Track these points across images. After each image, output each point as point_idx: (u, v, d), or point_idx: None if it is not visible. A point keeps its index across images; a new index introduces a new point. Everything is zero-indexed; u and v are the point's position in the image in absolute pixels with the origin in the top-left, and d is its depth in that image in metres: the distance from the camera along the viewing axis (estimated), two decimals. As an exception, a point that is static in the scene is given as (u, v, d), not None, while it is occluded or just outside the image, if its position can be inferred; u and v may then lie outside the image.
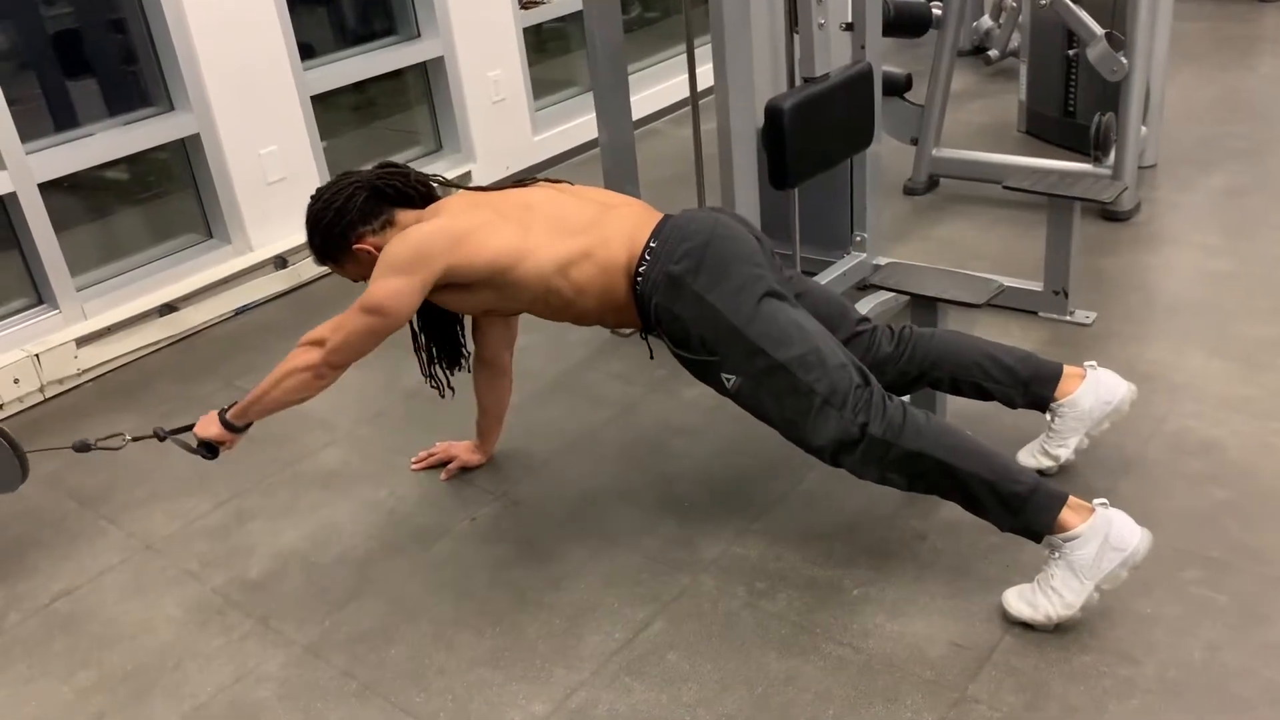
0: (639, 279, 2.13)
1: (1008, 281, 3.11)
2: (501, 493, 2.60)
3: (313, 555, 2.46)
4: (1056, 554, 1.96)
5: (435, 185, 2.35)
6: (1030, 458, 2.41)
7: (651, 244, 2.13)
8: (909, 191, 4.10)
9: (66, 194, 3.45)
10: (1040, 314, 3.08)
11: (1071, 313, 3.04)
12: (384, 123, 4.46)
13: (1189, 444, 2.47)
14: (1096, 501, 1.96)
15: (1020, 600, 2.01)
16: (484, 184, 2.40)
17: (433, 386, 2.53)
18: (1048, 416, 2.35)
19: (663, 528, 2.40)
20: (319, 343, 2.15)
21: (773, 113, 2.71)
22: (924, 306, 2.46)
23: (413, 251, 2.11)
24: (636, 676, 2.01)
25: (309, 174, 3.86)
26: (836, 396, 2.02)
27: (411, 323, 2.47)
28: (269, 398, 2.20)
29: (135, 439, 2.32)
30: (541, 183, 2.35)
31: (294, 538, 2.52)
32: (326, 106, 4.07)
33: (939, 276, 2.49)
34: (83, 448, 2.31)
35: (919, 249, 3.64)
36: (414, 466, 2.72)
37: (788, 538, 2.32)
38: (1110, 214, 3.62)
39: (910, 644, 2.00)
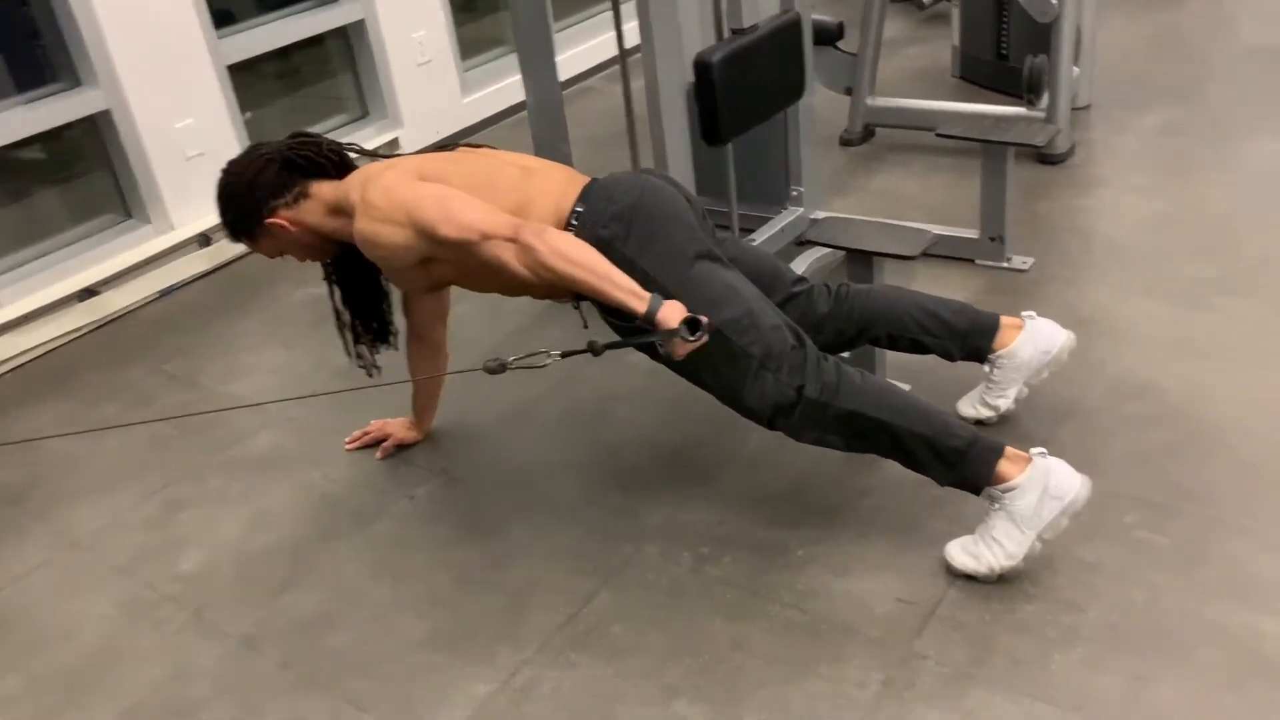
0: None
1: (945, 230, 3.10)
2: (440, 470, 2.54)
3: (247, 543, 2.39)
4: (997, 505, 1.95)
5: (352, 154, 2.26)
6: (970, 408, 2.40)
7: (578, 208, 2.07)
8: (845, 142, 4.06)
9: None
10: (977, 261, 3.07)
11: (1008, 259, 3.03)
12: (309, 90, 4.31)
13: (1129, 388, 2.47)
14: (1034, 451, 1.95)
15: (963, 553, 2.00)
16: (405, 152, 2.31)
17: (359, 366, 2.46)
18: (986, 368, 2.34)
19: (606, 497, 2.36)
20: (522, 230, 1.95)
21: (701, 67, 2.64)
22: (860, 261, 2.43)
23: (390, 200, 2.01)
24: (581, 651, 1.97)
25: (230, 147, 3.69)
26: (772, 359, 1.99)
27: (333, 300, 2.39)
28: (600, 266, 1.93)
29: (566, 354, 1.97)
30: (462, 147, 2.27)
31: (228, 526, 2.45)
32: (247, 76, 3.93)
33: (873, 230, 2.46)
34: (498, 369, 1.98)
35: (857, 201, 3.61)
36: (348, 446, 2.65)
37: (732, 501, 2.30)
38: (1045, 157, 3.61)
39: (856, 602, 1.99)
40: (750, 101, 2.79)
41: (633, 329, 2.03)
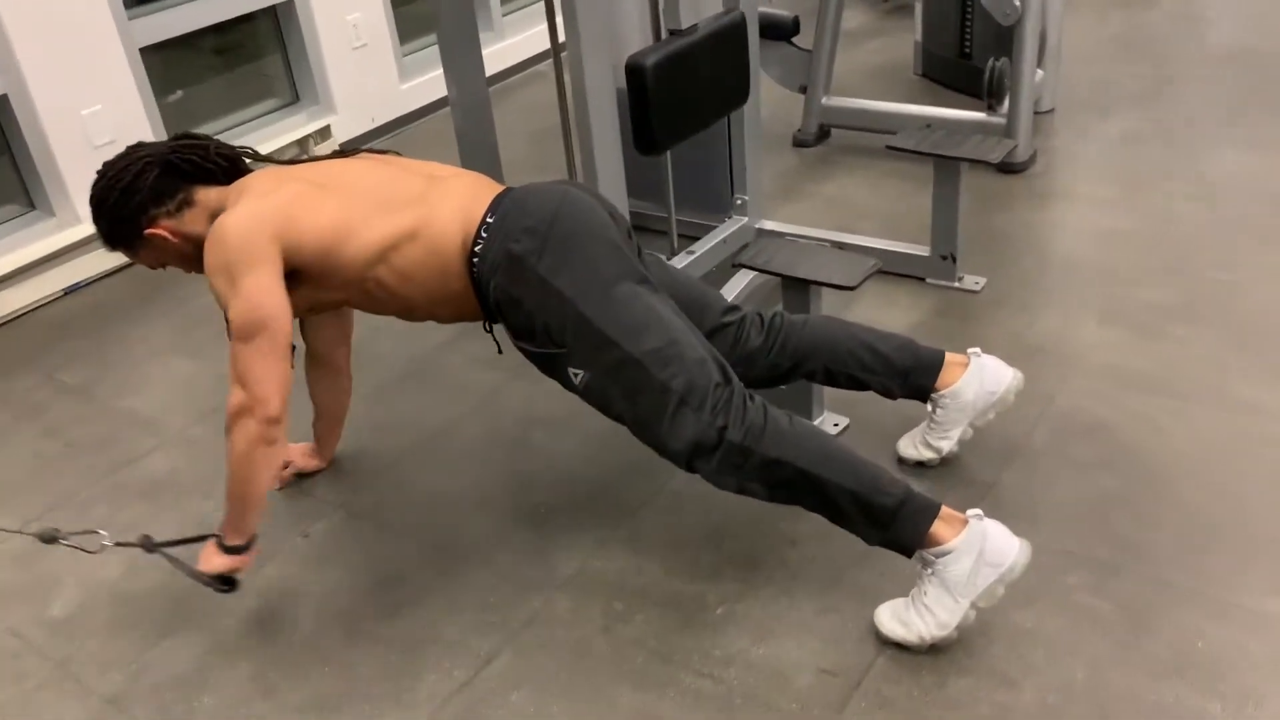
0: (475, 259, 1.88)
1: (895, 246, 2.94)
2: (340, 503, 2.36)
3: (126, 583, 2.19)
4: (930, 570, 1.80)
5: (246, 159, 2.06)
6: (911, 448, 2.25)
7: (489, 219, 1.88)
8: (799, 143, 3.88)
9: None
10: (928, 280, 2.91)
11: (960, 279, 2.87)
12: (235, 74, 4.07)
13: (1077, 426, 2.32)
14: (970, 512, 1.79)
15: (893, 619, 1.84)
16: (317, 156, 2.10)
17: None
18: (929, 407, 2.18)
19: (517, 539, 2.19)
20: (243, 411, 1.81)
21: (634, 71, 2.45)
22: (796, 287, 2.26)
23: (237, 247, 1.80)
24: (475, 721, 1.81)
25: (142, 135, 3.48)
26: (694, 395, 1.81)
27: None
28: (247, 498, 1.88)
29: (119, 544, 1.96)
30: (364, 153, 2.07)
31: (108, 564, 2.24)
32: (167, 60, 3.69)
33: (811, 254, 2.29)
34: (49, 539, 1.94)
35: (806, 208, 3.44)
36: (247, 473, 2.45)
37: (652, 546, 2.13)
38: (1005, 166, 3.45)
39: (775, 671, 1.83)
40: (689, 108, 2.61)
41: (541, 354, 1.89)
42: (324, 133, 4.05)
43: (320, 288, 1.90)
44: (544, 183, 1.97)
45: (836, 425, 2.38)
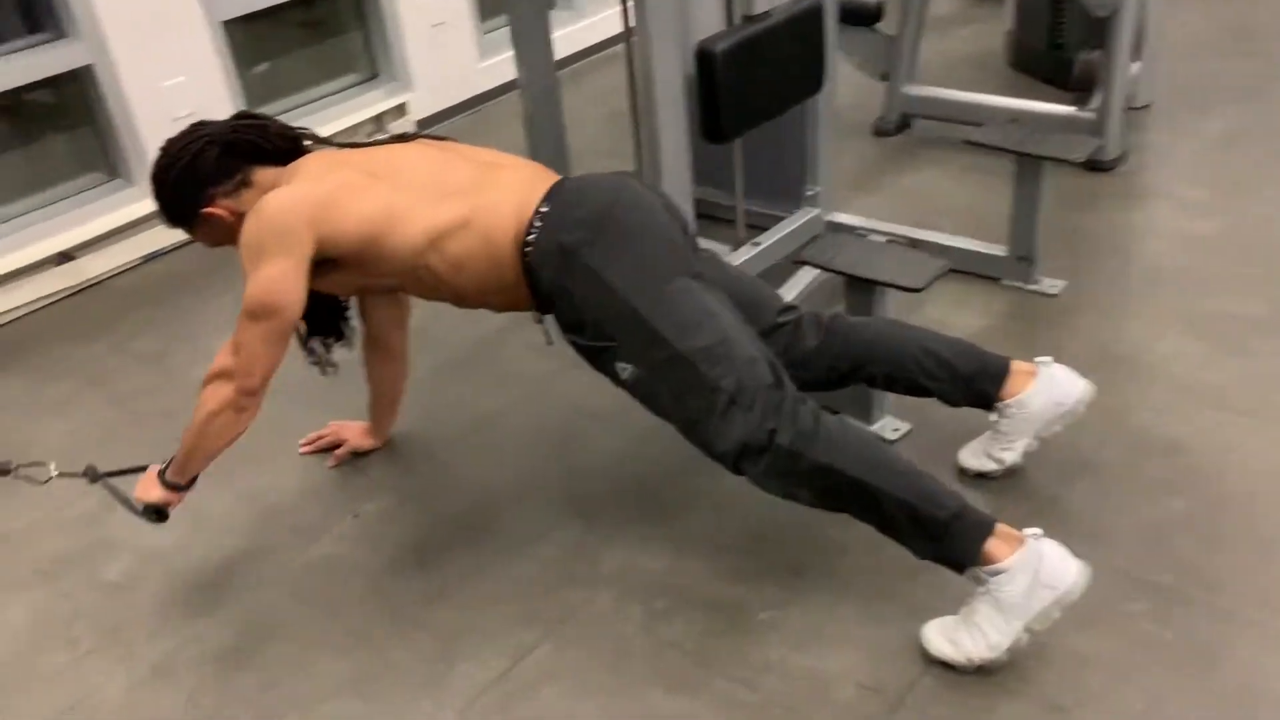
0: (528, 249, 1.85)
1: (971, 244, 2.84)
2: (392, 485, 2.36)
3: (179, 555, 2.23)
4: (982, 588, 1.73)
5: (305, 140, 2.06)
6: (973, 459, 2.16)
7: (542, 209, 1.85)
8: (879, 133, 3.78)
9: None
10: (1003, 281, 2.80)
11: (1037, 281, 2.76)
12: (316, 49, 4.10)
13: (1150, 443, 2.21)
14: (1028, 531, 1.72)
15: (941, 636, 1.78)
16: (374, 140, 2.09)
17: (312, 363, 2.28)
18: (993, 416, 2.10)
19: (562, 532, 2.17)
20: (225, 374, 1.87)
21: (703, 57, 2.39)
22: (859, 286, 2.19)
23: (271, 229, 1.82)
24: (508, 716, 1.79)
25: (221, 108, 3.53)
26: (744, 396, 1.76)
27: None
28: (200, 450, 1.94)
29: (63, 475, 2.03)
30: (422, 140, 2.06)
31: (161, 534, 2.28)
32: (249, 33, 3.73)
33: (877, 251, 2.22)
34: (1, 470, 2.03)
35: (882, 201, 3.34)
36: (302, 449, 2.48)
37: (697, 546, 2.09)
38: (1093, 163, 3.31)
39: (814, 683, 1.78)
40: (759, 96, 2.54)
41: (589, 347, 1.86)
42: (400, 110, 4.06)
43: (367, 274, 1.89)
44: (602, 174, 1.93)
45: (897, 430, 2.31)
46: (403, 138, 2.07)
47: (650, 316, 1.77)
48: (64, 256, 3.27)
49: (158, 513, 1.99)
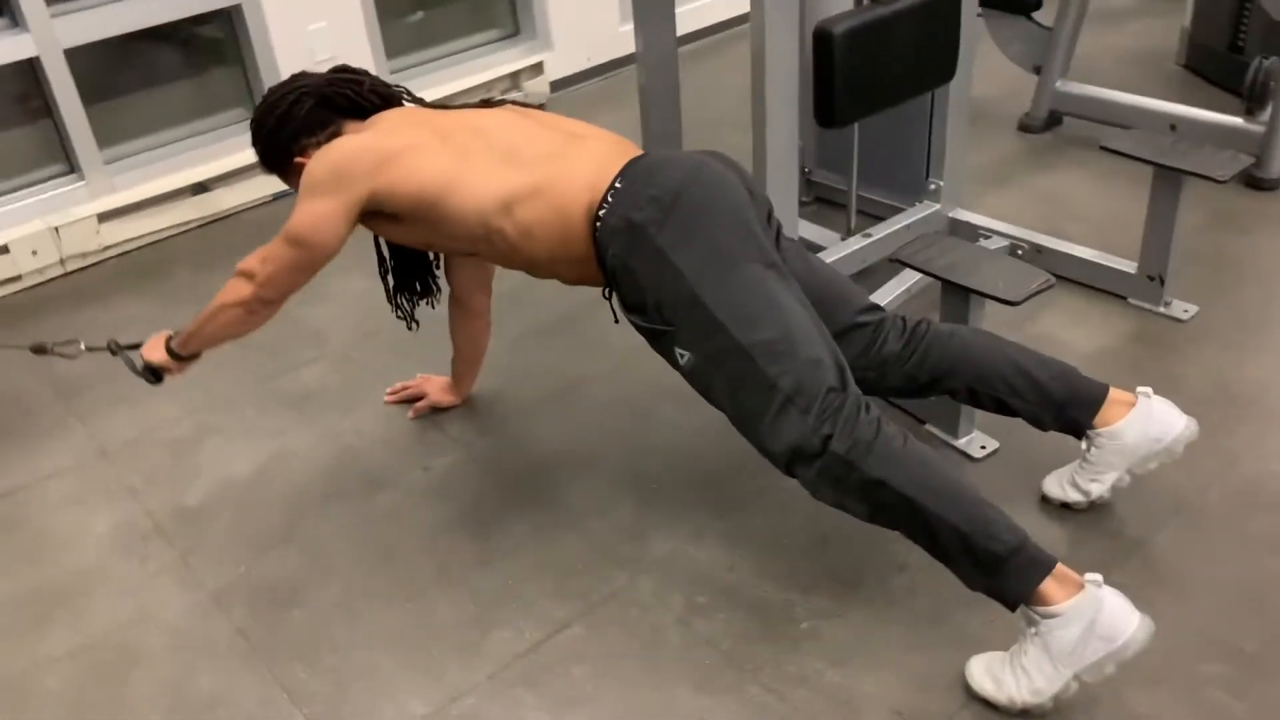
0: (599, 224, 1.81)
1: (1100, 257, 2.66)
2: (466, 442, 2.38)
3: (255, 488, 2.31)
4: (1033, 629, 1.62)
5: (400, 98, 2.08)
6: (1057, 487, 2.03)
7: (617, 184, 1.80)
8: (1024, 128, 3.58)
9: (105, 62, 3.32)
10: (1130, 300, 2.61)
11: (1167, 303, 2.56)
12: (459, 3, 4.13)
13: (1262, 495, 2.03)
14: (1089, 577, 1.60)
15: (986, 673, 1.68)
16: (456, 104, 2.10)
17: (399, 317, 2.31)
18: (1083, 445, 1.96)
19: (618, 511, 2.15)
20: (249, 276, 1.94)
21: (821, 38, 2.30)
22: (955, 293, 2.07)
23: (331, 170, 1.86)
24: (532, 688, 1.79)
25: (361, 54, 3.62)
26: (802, 397, 1.68)
27: (377, 244, 2.24)
28: (206, 332, 2.02)
29: (90, 349, 2.15)
30: (509, 106, 2.04)
31: (243, 465, 2.38)
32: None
33: (981, 257, 2.09)
34: (39, 350, 2.17)
35: (1014, 201, 3.16)
36: (387, 398, 2.53)
37: (750, 544, 2.04)
38: (1253, 181, 3.05)
39: (845, 702, 1.71)
40: (879, 82, 2.43)
41: (650, 329, 1.82)
42: (537, 69, 4.07)
43: (435, 233, 1.89)
44: (684, 152, 1.87)
45: (984, 448, 2.19)
46: (488, 103, 2.06)
47: (712, 304, 1.71)
48: (199, 188, 3.42)
49: (154, 373, 2.09)
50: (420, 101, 2.08)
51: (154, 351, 2.09)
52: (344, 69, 2.05)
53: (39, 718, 1.82)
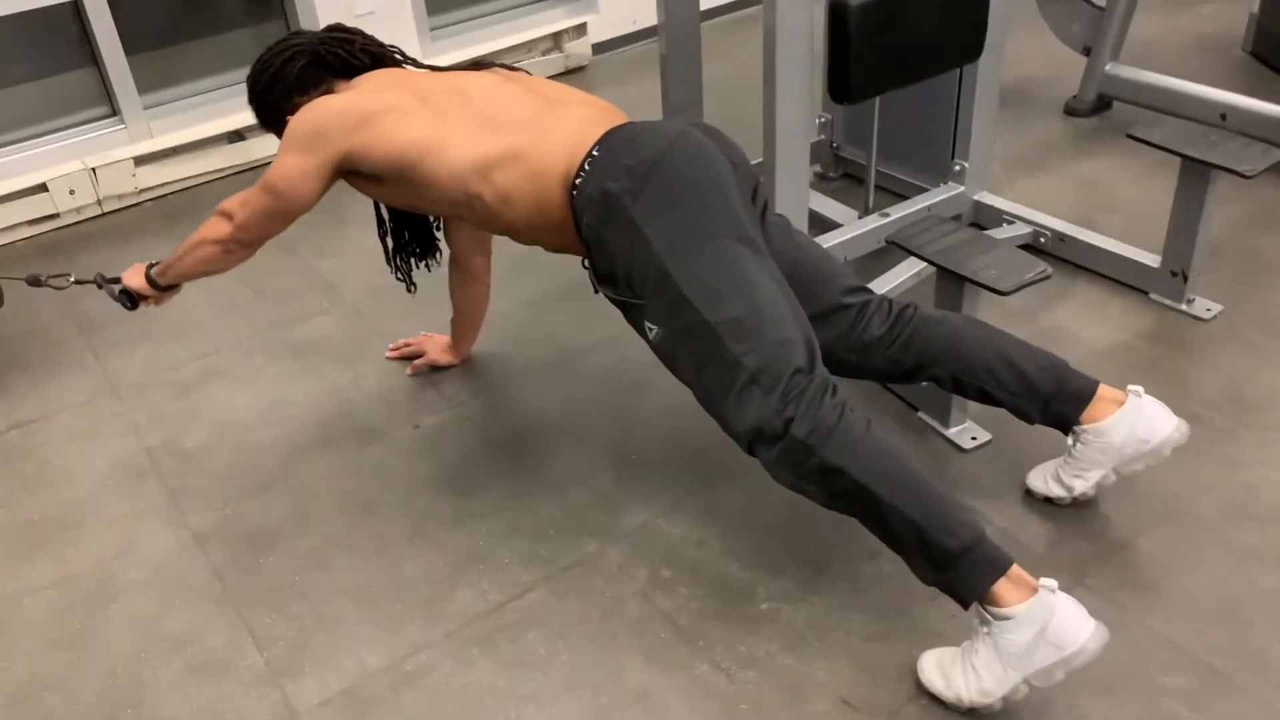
0: (575, 193, 1.79)
1: (1124, 249, 2.57)
2: (459, 402, 2.40)
3: (251, 434, 2.36)
4: (986, 629, 1.59)
5: (395, 56, 2.08)
6: (1040, 481, 1.98)
7: (594, 152, 1.77)
8: (1070, 111, 3.46)
9: (151, 11, 3.38)
10: (1152, 296, 2.52)
11: (1189, 301, 2.47)
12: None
13: (1256, 505, 1.95)
14: (1043, 581, 1.56)
15: (936, 669, 1.65)
16: (443, 65, 2.09)
17: (398, 278, 2.33)
18: (1069, 440, 1.91)
19: (599, 479, 2.15)
20: (229, 217, 1.97)
21: (836, 11, 2.24)
22: (950, 279, 2.02)
23: (310, 127, 1.87)
24: (486, 650, 1.80)
25: (402, 11, 3.64)
26: (766, 377, 1.65)
27: (376, 206, 2.25)
28: (183, 264, 2.05)
29: (78, 282, 2.19)
30: (496, 68, 2.03)
31: (242, 409, 2.43)
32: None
33: (978, 245, 2.03)
34: (34, 282, 2.21)
35: (1048, 187, 3.07)
36: (388, 354, 2.56)
37: (724, 520, 2.02)
38: (1303, 177, 2.91)
39: (793, 687, 1.70)
40: (898, 58, 2.36)
41: (621, 301, 1.80)
42: (580, 30, 4.04)
43: (417, 195, 1.89)
44: (666, 121, 1.84)
45: (975, 440, 2.14)
46: (478, 65, 2.05)
47: (680, 278, 1.68)
48: (235, 135, 3.47)
49: (130, 298, 2.13)
50: (414, 62, 2.08)
51: (133, 277, 2.12)
52: (338, 28, 2.05)
53: (15, 645, 1.89)
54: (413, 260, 2.31)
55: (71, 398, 2.52)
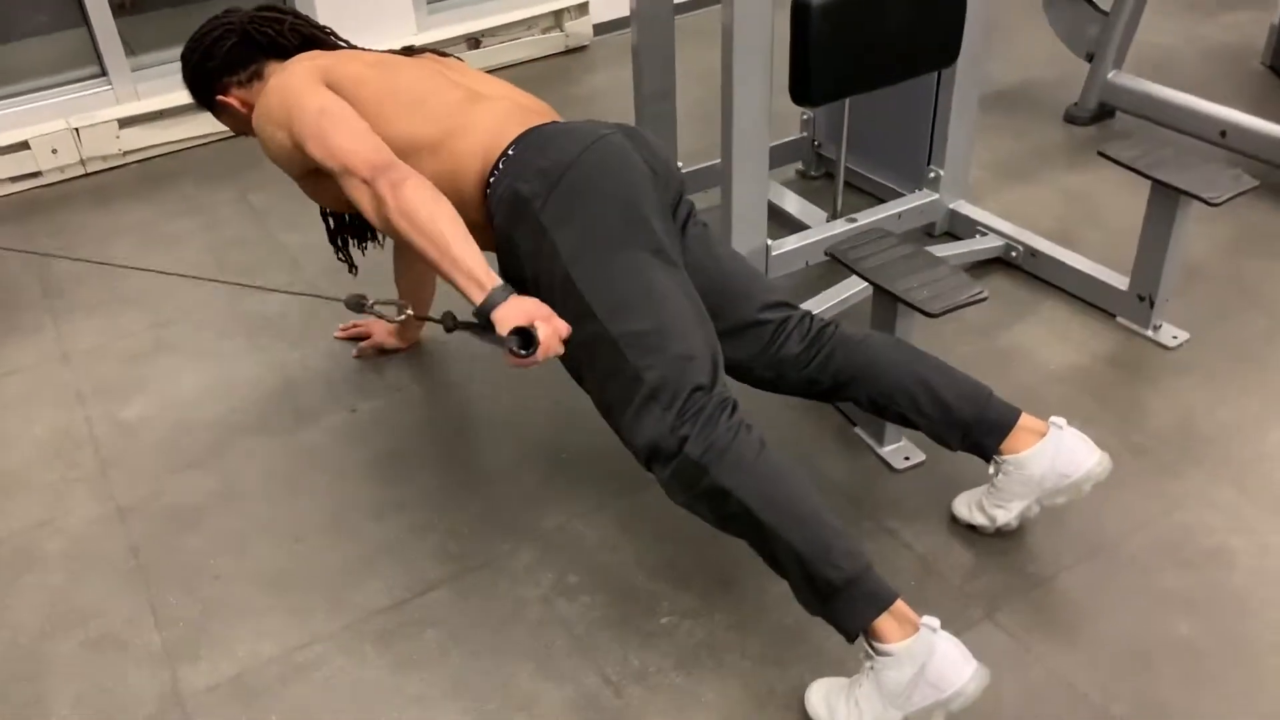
0: (489, 192, 1.75)
1: (1094, 269, 2.50)
2: (399, 388, 2.39)
3: (191, 409, 2.36)
4: (870, 663, 1.55)
5: (324, 39, 2.04)
6: (964, 508, 1.94)
7: (510, 151, 1.73)
8: (1070, 119, 3.35)
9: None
10: (1118, 319, 2.45)
11: (1156, 327, 2.39)
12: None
13: (1186, 548, 1.89)
14: (925, 620, 1.51)
15: (822, 700, 1.62)
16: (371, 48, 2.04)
17: (340, 259, 2.31)
18: (990, 469, 1.86)
19: (526, 477, 2.13)
20: (355, 171, 1.68)
21: (798, 9, 2.18)
22: (884, 298, 1.97)
23: (286, 88, 1.80)
24: (380, 647, 1.80)
25: (397, -18, 3.60)
26: (665, 393, 1.60)
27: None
28: (434, 239, 1.61)
29: (419, 319, 1.92)
30: (428, 55, 1.99)
31: (188, 384, 2.44)
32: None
33: (918, 262, 1.97)
34: (355, 306, 1.79)
35: (1032, 198, 2.98)
36: (337, 334, 2.55)
37: (641, 527, 1.99)
38: (1298, 201, 2.81)
39: (678, 708, 1.67)
40: (863, 61, 2.29)
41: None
42: (582, 9, 3.99)
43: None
44: (588, 123, 1.79)
45: (908, 460, 2.09)
46: (409, 50, 2.01)
47: (585, 288, 1.64)
48: (224, 102, 3.46)
49: (521, 336, 1.54)
50: (348, 43, 2.04)
51: (510, 314, 1.56)
52: (269, 7, 2.02)
53: (-71, 607, 1.92)
54: (353, 241, 2.29)
55: (22, 360, 2.54)
